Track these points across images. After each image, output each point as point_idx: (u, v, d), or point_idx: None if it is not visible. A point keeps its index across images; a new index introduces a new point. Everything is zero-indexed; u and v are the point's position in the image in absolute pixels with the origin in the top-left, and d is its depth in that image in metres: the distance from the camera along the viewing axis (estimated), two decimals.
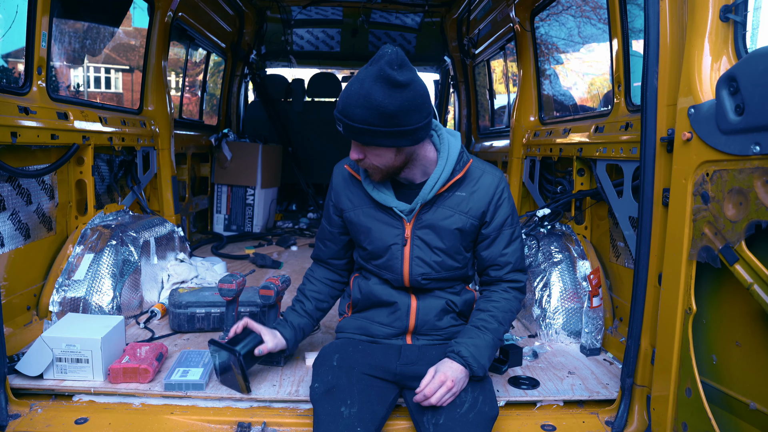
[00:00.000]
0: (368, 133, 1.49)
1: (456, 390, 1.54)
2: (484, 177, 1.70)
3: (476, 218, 1.70)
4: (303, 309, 1.91)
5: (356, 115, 1.46)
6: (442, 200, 1.68)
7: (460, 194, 1.68)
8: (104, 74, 13.52)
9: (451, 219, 1.68)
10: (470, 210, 1.69)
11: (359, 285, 1.81)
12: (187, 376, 1.83)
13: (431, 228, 1.69)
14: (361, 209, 1.74)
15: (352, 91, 1.47)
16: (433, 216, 1.68)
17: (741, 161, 1.31)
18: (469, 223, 1.69)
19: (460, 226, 1.69)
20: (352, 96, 1.47)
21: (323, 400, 1.56)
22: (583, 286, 2.35)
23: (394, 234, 1.70)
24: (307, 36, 5.54)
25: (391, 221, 1.70)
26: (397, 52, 1.44)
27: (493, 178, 1.71)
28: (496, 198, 1.70)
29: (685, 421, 1.49)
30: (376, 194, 1.68)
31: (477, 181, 1.70)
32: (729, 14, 1.42)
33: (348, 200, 1.77)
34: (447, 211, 1.68)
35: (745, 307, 1.34)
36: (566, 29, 3.64)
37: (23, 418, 1.71)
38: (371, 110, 1.44)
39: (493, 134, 4.61)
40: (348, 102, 1.47)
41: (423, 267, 1.71)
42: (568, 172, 2.83)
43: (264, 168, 4.80)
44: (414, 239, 1.70)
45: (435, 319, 1.75)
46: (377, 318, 1.78)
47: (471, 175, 1.70)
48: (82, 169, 2.61)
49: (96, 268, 2.37)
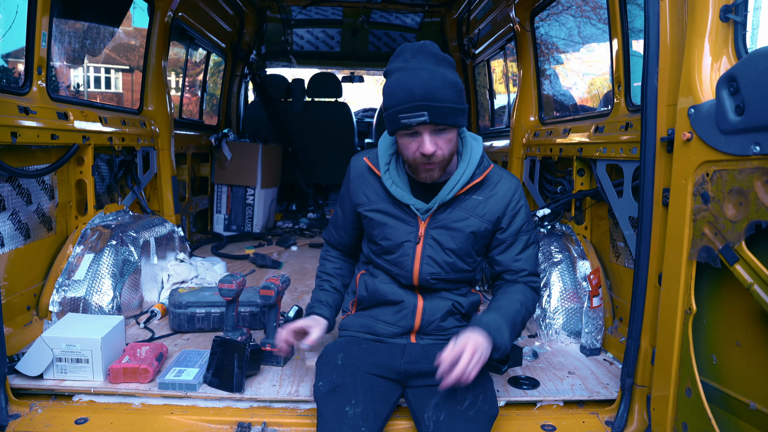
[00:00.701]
0: (455, 113, 1.51)
1: (480, 355, 1.43)
2: (502, 182, 1.72)
3: (491, 223, 1.71)
4: (332, 287, 1.90)
5: (445, 97, 1.48)
6: (459, 202, 1.69)
7: (477, 198, 1.70)
8: (104, 74, 13.50)
9: (466, 222, 1.69)
10: (486, 214, 1.70)
11: (365, 282, 1.81)
12: (181, 375, 1.84)
13: (445, 229, 1.69)
14: (377, 205, 1.74)
15: (426, 77, 1.48)
16: (449, 217, 1.69)
17: (741, 161, 1.31)
18: (483, 227, 1.70)
19: (475, 230, 1.69)
20: (430, 80, 1.47)
21: (328, 399, 1.56)
22: (583, 286, 2.35)
23: (408, 231, 1.70)
24: (307, 36, 5.54)
25: (406, 218, 1.70)
26: (432, 42, 1.57)
27: (510, 184, 1.73)
28: (513, 204, 1.71)
29: (685, 421, 1.49)
30: (395, 190, 1.68)
31: (494, 186, 1.71)
32: (729, 14, 1.42)
33: (364, 195, 1.76)
34: (463, 213, 1.69)
35: (745, 307, 1.34)
36: (566, 29, 3.64)
37: (23, 418, 1.71)
38: (453, 89, 1.50)
39: (493, 134, 4.61)
40: (430, 86, 1.47)
41: (433, 266, 1.71)
42: (568, 172, 2.82)
43: (264, 168, 4.80)
44: (427, 238, 1.70)
45: (440, 319, 1.75)
46: (382, 317, 1.78)
47: (489, 180, 1.72)
48: (82, 169, 2.61)
49: (96, 268, 2.37)
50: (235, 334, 2.00)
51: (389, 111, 1.54)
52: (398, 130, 1.56)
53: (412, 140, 1.56)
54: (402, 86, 1.50)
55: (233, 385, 1.80)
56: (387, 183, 1.69)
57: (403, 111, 1.49)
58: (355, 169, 1.80)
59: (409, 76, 1.50)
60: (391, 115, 1.54)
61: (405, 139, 1.57)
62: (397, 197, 1.68)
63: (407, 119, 1.49)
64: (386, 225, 1.72)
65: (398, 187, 1.68)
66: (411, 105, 1.48)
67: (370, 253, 1.82)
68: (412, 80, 1.49)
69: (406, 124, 1.51)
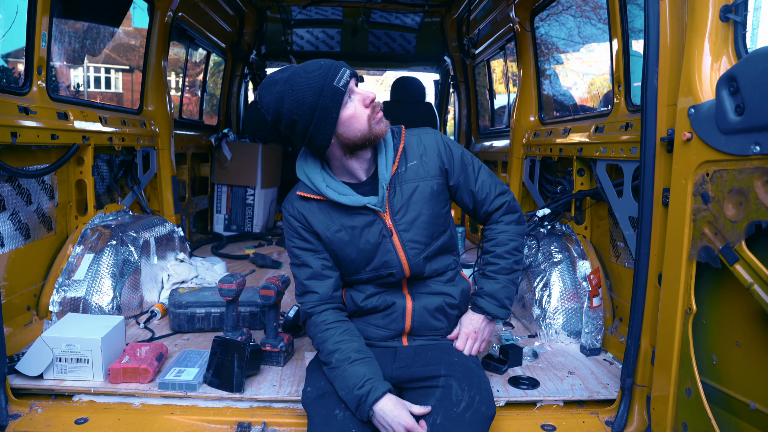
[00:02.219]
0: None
1: (483, 336, 1.79)
2: (423, 138, 1.74)
3: (437, 176, 1.72)
4: (363, 354, 1.60)
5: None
6: (402, 177, 1.69)
7: (413, 163, 1.71)
8: (104, 74, 13.51)
9: (419, 189, 1.69)
10: (429, 171, 1.71)
11: (351, 297, 1.78)
12: (181, 375, 1.84)
13: (406, 207, 1.69)
14: (337, 223, 1.68)
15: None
16: (402, 195, 1.68)
17: (741, 161, 1.31)
18: (434, 183, 1.71)
19: (430, 191, 1.70)
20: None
21: (316, 404, 1.56)
22: (583, 286, 2.35)
23: (378, 230, 1.68)
24: (307, 36, 5.54)
25: (369, 220, 1.67)
26: None
27: (430, 135, 1.75)
28: (442, 149, 1.73)
29: (685, 421, 1.49)
30: (345, 198, 1.64)
31: (419, 145, 1.73)
32: (729, 14, 1.42)
33: (320, 223, 1.68)
34: (410, 185, 1.69)
35: (745, 307, 1.34)
36: (566, 29, 3.64)
37: (23, 418, 1.71)
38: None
39: (493, 134, 4.61)
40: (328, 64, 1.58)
41: (417, 246, 1.70)
42: (568, 172, 2.82)
43: (264, 168, 4.80)
44: (397, 225, 1.69)
45: (431, 318, 1.75)
46: (373, 320, 1.77)
47: (411, 144, 1.73)
48: (82, 169, 2.61)
49: (96, 268, 2.37)
50: (235, 334, 2.01)
51: (317, 110, 1.51)
52: (334, 107, 1.52)
53: (353, 103, 1.56)
54: (314, 67, 1.55)
55: (233, 385, 1.80)
56: (334, 196, 1.63)
57: (332, 77, 1.51)
58: (294, 212, 1.70)
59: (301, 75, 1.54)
60: (323, 106, 1.51)
61: (346, 110, 1.55)
62: (349, 204, 1.64)
63: (340, 80, 1.52)
64: (355, 236, 1.68)
65: (346, 195, 1.65)
66: (333, 70, 1.52)
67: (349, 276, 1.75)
68: (310, 70, 1.54)
69: (343, 85, 1.52)
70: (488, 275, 1.80)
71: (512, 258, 1.80)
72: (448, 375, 1.60)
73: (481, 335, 1.78)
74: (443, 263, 1.78)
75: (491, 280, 1.79)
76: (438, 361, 1.66)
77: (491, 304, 1.77)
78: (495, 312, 1.77)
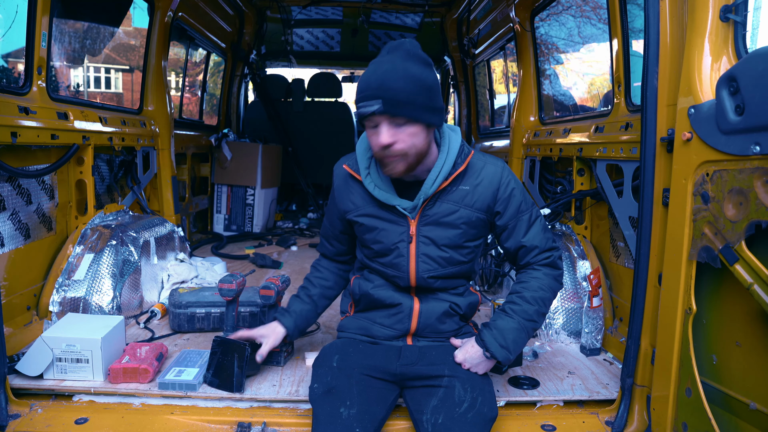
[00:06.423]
0: (413, 107, 1.48)
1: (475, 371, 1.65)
2: (486, 168, 1.68)
3: (482, 211, 1.68)
4: (307, 294, 1.92)
5: (399, 88, 1.45)
6: (446, 195, 1.66)
7: (464, 188, 1.66)
8: (104, 74, 13.52)
9: (457, 214, 1.66)
10: (475, 203, 1.67)
11: (360, 285, 1.80)
12: (181, 375, 1.84)
13: (436, 224, 1.67)
14: (364, 209, 1.72)
15: (386, 69, 1.47)
16: (438, 212, 1.66)
17: (741, 161, 1.31)
18: (474, 216, 1.67)
19: (466, 221, 1.67)
20: (389, 72, 1.47)
21: (322, 400, 1.56)
22: (583, 286, 2.35)
23: (399, 232, 1.68)
24: (307, 36, 5.54)
25: (396, 219, 1.68)
26: (413, 40, 1.55)
27: (495, 168, 1.68)
28: (503, 188, 1.67)
29: (685, 421, 1.49)
30: (378, 193, 1.66)
31: (479, 173, 1.67)
32: (729, 14, 1.42)
33: (350, 202, 1.75)
34: (452, 206, 1.66)
35: (745, 307, 1.34)
36: (566, 29, 3.64)
37: (23, 418, 1.71)
38: (414, 82, 1.47)
39: (493, 134, 4.61)
40: (386, 77, 1.46)
41: (429, 263, 1.69)
42: (568, 172, 2.83)
43: (264, 168, 4.80)
44: (419, 236, 1.68)
45: (437, 322, 1.74)
46: (378, 319, 1.77)
47: (473, 168, 1.68)
48: (82, 169, 2.61)
49: (96, 268, 2.37)
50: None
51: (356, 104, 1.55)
52: (360, 122, 1.56)
53: (373, 132, 1.54)
54: (363, 78, 1.51)
55: (233, 385, 1.80)
56: (369, 187, 1.67)
57: (360, 100, 1.50)
58: (338, 178, 1.78)
59: (372, 70, 1.51)
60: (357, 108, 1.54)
61: (369, 131, 1.57)
62: (381, 200, 1.66)
63: (362, 108, 1.50)
64: (377, 228, 1.70)
65: (381, 189, 1.66)
66: (365, 94, 1.49)
67: (364, 258, 1.80)
68: (373, 72, 1.50)
69: (361, 113, 1.51)
70: (506, 311, 1.69)
71: (536, 306, 1.68)
72: (452, 375, 1.61)
73: (474, 369, 1.65)
74: (453, 284, 1.77)
75: (507, 317, 1.67)
76: (442, 361, 1.67)
77: (495, 342, 1.63)
78: (495, 351, 1.62)
